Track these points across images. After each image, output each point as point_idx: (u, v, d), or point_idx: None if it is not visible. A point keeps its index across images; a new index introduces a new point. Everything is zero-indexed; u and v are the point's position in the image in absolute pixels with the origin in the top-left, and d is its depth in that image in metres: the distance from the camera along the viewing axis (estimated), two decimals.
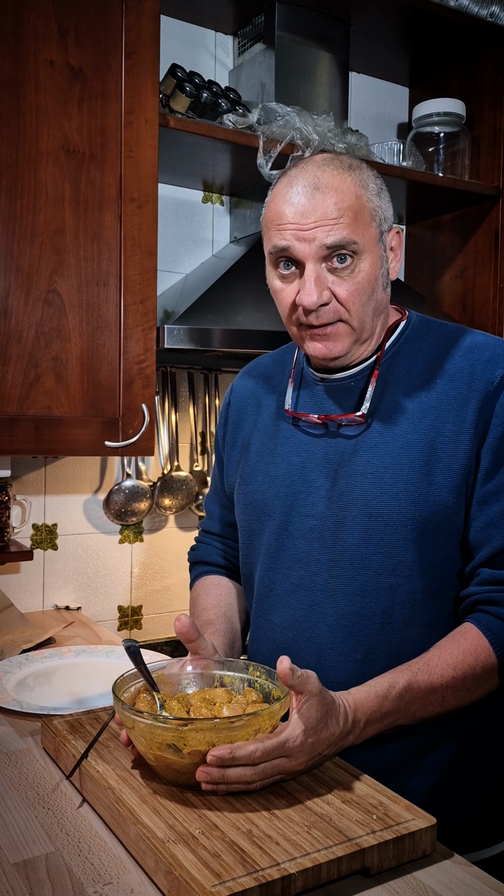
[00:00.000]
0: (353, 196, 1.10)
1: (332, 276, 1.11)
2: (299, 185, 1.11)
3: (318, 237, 1.08)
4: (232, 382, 1.43)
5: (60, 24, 1.60)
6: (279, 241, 1.12)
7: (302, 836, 0.85)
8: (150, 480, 2.16)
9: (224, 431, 1.39)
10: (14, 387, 1.59)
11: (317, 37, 2.11)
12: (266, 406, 1.32)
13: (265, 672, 1.06)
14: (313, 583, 1.17)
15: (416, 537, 1.10)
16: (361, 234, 1.10)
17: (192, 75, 1.93)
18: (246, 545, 1.30)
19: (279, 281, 1.16)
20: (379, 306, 1.16)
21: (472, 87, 2.36)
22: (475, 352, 1.15)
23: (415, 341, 1.20)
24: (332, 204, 1.09)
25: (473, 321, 2.37)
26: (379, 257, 1.14)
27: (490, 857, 1.17)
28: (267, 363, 1.39)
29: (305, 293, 1.10)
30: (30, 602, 2.03)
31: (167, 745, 0.91)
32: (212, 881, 0.77)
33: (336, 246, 1.09)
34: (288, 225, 1.10)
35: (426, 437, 1.12)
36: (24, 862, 0.86)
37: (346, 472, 1.16)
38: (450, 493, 1.10)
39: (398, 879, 0.85)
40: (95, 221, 1.65)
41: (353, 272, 1.11)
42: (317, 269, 1.10)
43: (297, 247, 1.10)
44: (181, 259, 2.21)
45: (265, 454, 1.27)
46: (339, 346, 1.15)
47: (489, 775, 1.18)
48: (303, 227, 1.09)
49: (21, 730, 1.22)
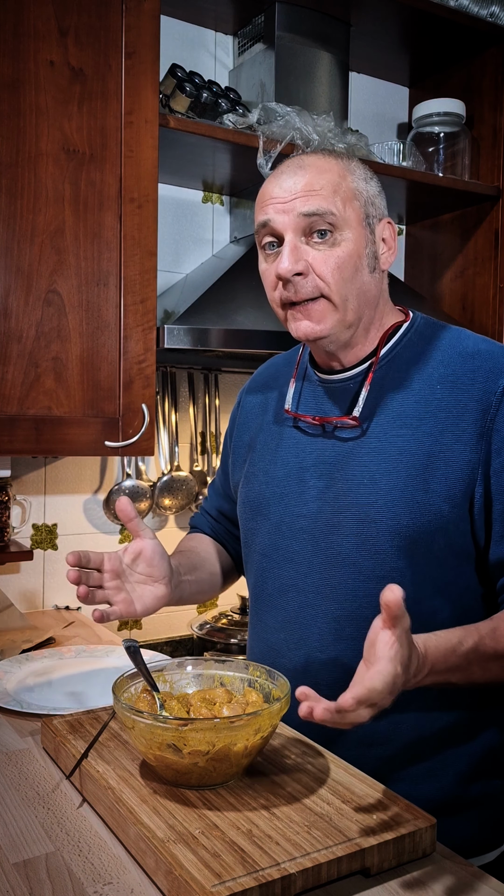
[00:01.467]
0: (334, 174, 1.12)
1: (312, 250, 1.11)
2: (285, 167, 1.14)
3: (296, 207, 1.10)
4: (245, 384, 1.45)
5: (60, 24, 1.60)
6: (261, 217, 1.14)
7: (302, 836, 0.85)
8: (150, 480, 2.16)
9: (232, 430, 1.41)
10: (14, 387, 1.59)
11: (317, 37, 2.11)
12: (271, 405, 1.33)
13: (265, 672, 1.06)
14: (305, 584, 1.16)
15: (408, 545, 1.08)
16: (341, 208, 1.10)
17: (192, 75, 1.93)
18: (245, 545, 1.31)
19: (264, 262, 1.17)
20: (365, 289, 1.14)
21: (472, 87, 2.36)
22: (476, 359, 1.12)
23: (417, 345, 1.18)
24: (312, 177, 1.11)
25: (473, 321, 2.37)
26: (363, 237, 1.13)
27: (488, 862, 1.17)
28: (278, 363, 1.40)
29: (280, 261, 1.11)
30: (30, 602, 2.03)
31: (167, 745, 0.91)
32: (212, 881, 0.77)
33: (312, 213, 1.09)
34: (270, 200, 1.13)
35: (424, 445, 1.10)
36: (24, 862, 0.86)
37: (341, 476, 1.15)
38: (445, 503, 1.07)
39: (398, 879, 0.84)
40: (95, 221, 1.65)
41: (332, 245, 1.11)
42: (294, 240, 1.11)
43: (276, 219, 1.12)
44: (181, 259, 2.21)
45: (267, 453, 1.27)
46: (322, 325, 1.13)
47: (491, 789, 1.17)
48: (283, 200, 1.11)
49: (21, 730, 1.22)
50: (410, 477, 1.09)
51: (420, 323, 1.22)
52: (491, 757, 1.17)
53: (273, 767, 1.00)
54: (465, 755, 1.15)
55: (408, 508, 1.08)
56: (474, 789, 1.15)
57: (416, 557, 1.09)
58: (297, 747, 1.06)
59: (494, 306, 2.32)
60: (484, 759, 1.16)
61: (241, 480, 1.32)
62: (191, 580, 1.30)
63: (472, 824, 1.15)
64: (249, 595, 1.30)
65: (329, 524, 1.14)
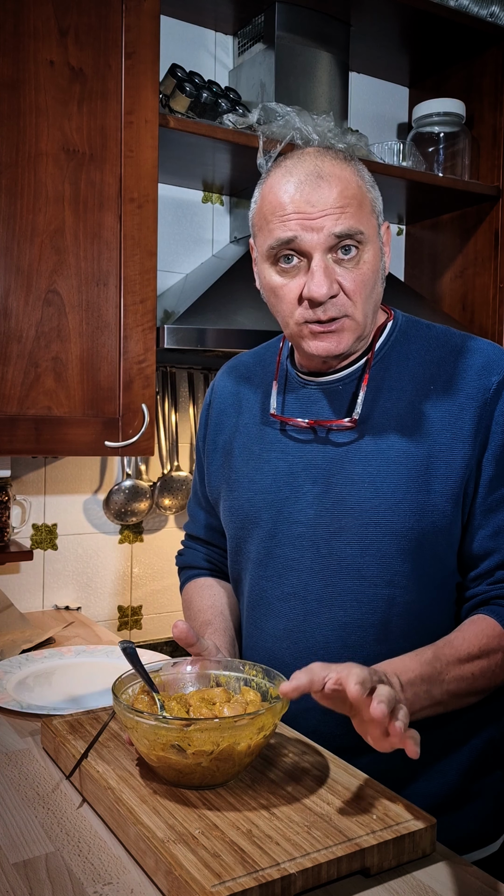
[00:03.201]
0: (355, 185, 1.08)
1: (339, 268, 1.07)
2: (300, 174, 1.07)
3: (327, 226, 1.05)
4: (212, 382, 1.38)
5: (60, 24, 1.60)
6: (283, 233, 1.07)
7: (302, 836, 0.85)
8: (150, 480, 2.16)
9: (205, 433, 1.35)
10: (14, 387, 1.59)
11: (317, 37, 2.11)
12: (248, 408, 1.28)
13: (262, 671, 1.06)
14: (307, 592, 1.14)
15: (414, 548, 1.08)
16: (366, 224, 1.08)
17: (192, 75, 1.93)
18: (234, 552, 1.27)
19: (279, 276, 1.10)
20: (377, 300, 1.14)
21: (472, 87, 2.36)
22: (468, 357, 1.12)
23: (403, 343, 1.17)
24: (338, 192, 1.06)
25: (473, 321, 2.37)
26: (378, 249, 1.12)
27: (484, 857, 1.17)
28: (248, 361, 1.35)
29: (315, 285, 1.05)
30: (30, 602, 2.03)
31: (171, 746, 0.91)
32: (212, 881, 0.77)
33: (344, 235, 1.05)
34: (292, 215, 1.06)
35: (423, 446, 1.09)
36: (24, 862, 0.86)
37: (339, 480, 1.13)
38: (448, 503, 1.07)
39: (398, 879, 0.84)
40: (95, 221, 1.65)
41: (357, 263, 1.08)
42: (324, 261, 1.06)
43: (304, 237, 1.06)
44: (181, 259, 2.22)
45: (251, 459, 1.23)
46: (344, 343, 1.11)
47: (489, 781, 1.18)
48: (309, 217, 1.05)
49: (21, 730, 1.22)
50: (412, 478, 1.08)
51: (402, 320, 1.20)
52: (489, 751, 1.18)
53: (273, 767, 1.00)
54: (466, 751, 1.15)
55: (412, 510, 1.08)
56: (475, 784, 1.16)
57: (421, 559, 1.09)
58: (296, 747, 1.06)
59: (494, 306, 2.32)
60: (483, 753, 1.17)
61: (222, 488, 1.28)
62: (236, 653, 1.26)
63: (472, 819, 1.16)
64: (245, 602, 1.25)
65: (329, 530, 1.12)
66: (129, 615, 2.18)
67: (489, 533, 1.08)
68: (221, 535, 1.35)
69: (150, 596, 2.21)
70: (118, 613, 2.16)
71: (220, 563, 1.40)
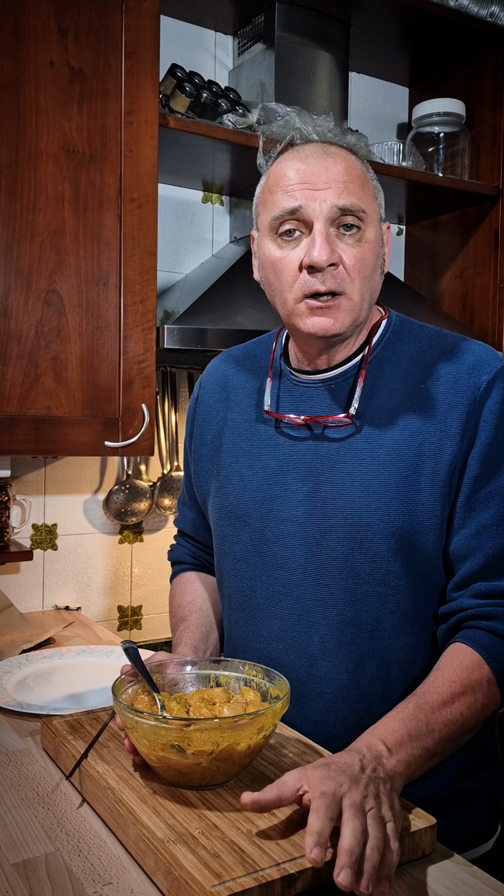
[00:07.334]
0: (359, 168, 1.11)
1: (340, 242, 1.09)
2: (307, 150, 1.11)
3: (330, 198, 1.07)
4: (200, 378, 1.38)
5: (60, 24, 1.60)
6: (288, 203, 1.08)
7: (302, 836, 0.85)
8: (150, 480, 2.16)
9: (192, 429, 1.34)
10: (14, 387, 1.59)
11: (317, 37, 2.11)
12: (237, 403, 1.27)
13: (262, 671, 1.06)
14: (301, 592, 1.14)
15: (403, 546, 1.08)
16: (368, 205, 1.10)
17: (192, 75, 1.93)
18: (219, 550, 1.26)
19: (279, 250, 1.11)
20: (374, 291, 1.14)
21: (472, 87, 2.36)
22: (459, 357, 1.12)
23: (397, 343, 1.17)
24: (343, 168, 1.08)
25: (473, 321, 2.37)
26: (379, 237, 1.13)
27: (479, 856, 1.17)
28: (238, 356, 1.34)
29: (316, 249, 1.06)
30: (30, 602, 2.03)
31: (171, 746, 0.91)
32: (212, 881, 0.77)
33: (346, 209, 1.07)
34: (297, 185, 1.08)
35: (412, 444, 1.09)
36: (23, 862, 0.86)
37: (329, 478, 1.12)
38: (437, 502, 1.07)
39: (398, 879, 0.84)
40: (95, 221, 1.65)
41: (359, 241, 1.09)
42: (326, 230, 1.07)
43: (309, 206, 1.07)
44: (181, 259, 2.22)
45: (240, 456, 1.23)
46: (340, 321, 1.10)
47: (482, 780, 1.18)
48: (314, 187, 1.07)
49: (21, 730, 1.22)
50: (402, 477, 1.08)
51: (396, 320, 1.21)
52: (481, 751, 1.18)
53: (273, 767, 1.00)
54: (463, 751, 1.15)
55: (401, 509, 1.08)
56: (471, 783, 1.16)
57: (411, 558, 1.09)
58: (296, 747, 1.06)
59: (494, 306, 2.32)
60: (476, 754, 1.17)
61: (211, 486, 1.27)
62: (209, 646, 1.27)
63: (470, 817, 1.16)
64: (231, 603, 1.24)
65: (320, 528, 1.12)
66: (129, 615, 2.18)
67: (471, 532, 1.07)
68: (207, 532, 1.35)
69: (150, 596, 2.21)
70: (118, 613, 2.16)
71: (205, 559, 1.40)
